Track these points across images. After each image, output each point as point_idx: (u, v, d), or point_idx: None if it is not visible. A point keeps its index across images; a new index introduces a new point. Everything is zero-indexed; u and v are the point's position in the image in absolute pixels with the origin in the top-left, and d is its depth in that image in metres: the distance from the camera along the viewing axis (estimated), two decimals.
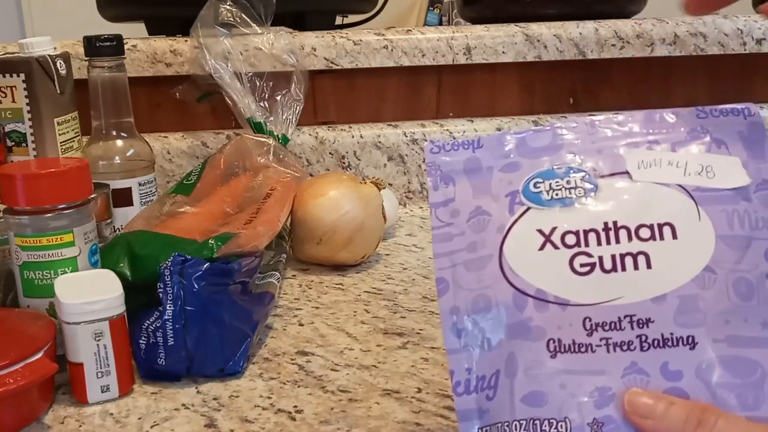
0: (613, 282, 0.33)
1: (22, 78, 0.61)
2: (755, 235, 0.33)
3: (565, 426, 0.32)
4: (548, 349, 0.33)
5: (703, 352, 0.32)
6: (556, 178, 0.35)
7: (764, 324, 0.32)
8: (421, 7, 2.20)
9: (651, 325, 0.32)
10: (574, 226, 0.34)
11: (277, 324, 0.57)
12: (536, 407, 0.32)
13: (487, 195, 0.37)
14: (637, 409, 0.31)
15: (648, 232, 0.33)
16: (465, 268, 0.36)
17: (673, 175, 0.34)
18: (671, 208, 0.34)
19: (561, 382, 0.32)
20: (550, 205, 0.35)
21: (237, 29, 0.80)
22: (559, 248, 0.34)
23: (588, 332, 0.33)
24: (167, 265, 0.47)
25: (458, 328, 0.35)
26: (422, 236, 0.78)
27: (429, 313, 0.58)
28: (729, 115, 0.35)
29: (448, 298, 0.36)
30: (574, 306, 0.33)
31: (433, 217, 0.37)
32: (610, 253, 0.33)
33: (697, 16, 0.95)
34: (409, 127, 0.89)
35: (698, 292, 0.32)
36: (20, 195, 0.47)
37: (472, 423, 0.34)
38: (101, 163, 0.67)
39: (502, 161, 0.37)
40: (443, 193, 0.37)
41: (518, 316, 0.34)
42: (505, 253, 0.35)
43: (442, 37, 0.88)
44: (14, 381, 0.41)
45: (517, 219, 0.35)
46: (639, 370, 0.32)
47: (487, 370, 0.34)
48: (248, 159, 0.73)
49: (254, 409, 0.45)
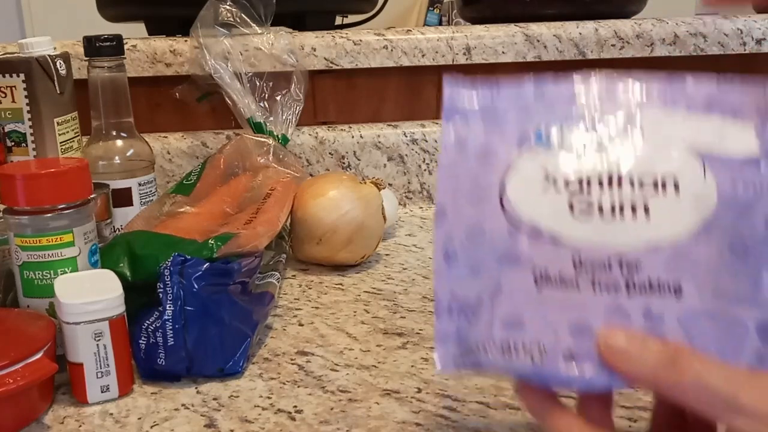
0: (609, 227, 0.33)
1: (22, 78, 0.61)
2: (759, 202, 0.33)
3: (539, 350, 0.33)
4: (534, 279, 0.34)
5: (689, 301, 0.32)
6: (569, 126, 0.36)
7: (755, 286, 0.32)
8: (421, 7, 2.20)
9: (640, 270, 0.32)
10: (579, 171, 0.35)
11: (277, 324, 0.57)
12: (513, 330, 0.33)
13: (497, 135, 0.37)
14: (610, 348, 0.32)
15: (651, 184, 0.34)
16: (465, 200, 0.37)
17: (685, 136, 0.35)
18: (677, 165, 0.34)
19: (542, 311, 0.33)
20: (558, 149, 0.35)
21: (237, 29, 0.80)
22: (560, 189, 0.34)
23: (576, 269, 0.33)
24: (167, 265, 0.47)
25: (449, 254, 0.36)
26: (422, 236, 0.78)
27: (429, 313, 0.58)
28: (749, 86, 0.36)
29: (444, 224, 0.37)
30: (566, 243, 0.33)
31: (441, 150, 0.38)
32: (611, 200, 0.34)
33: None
34: (409, 127, 0.89)
35: (692, 246, 0.32)
36: (20, 195, 0.47)
37: (448, 346, 0.35)
38: (101, 163, 0.67)
39: (518, 105, 0.38)
40: (455, 129, 0.38)
41: (509, 246, 0.34)
42: (506, 189, 0.35)
43: (442, 37, 0.88)
44: (14, 381, 0.41)
45: (523, 158, 0.36)
46: (621, 311, 0.32)
47: (471, 296, 0.35)
48: (248, 159, 0.73)
49: (254, 409, 0.45)
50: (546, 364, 0.33)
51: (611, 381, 0.32)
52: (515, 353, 0.33)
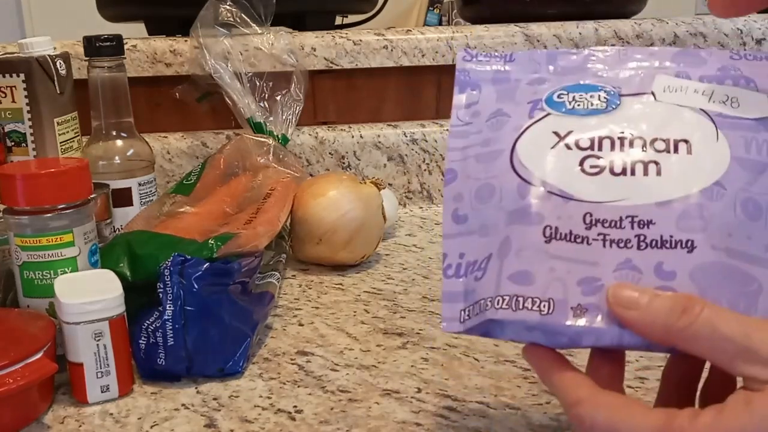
0: (620, 184, 0.33)
1: (22, 78, 0.61)
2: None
3: (548, 306, 0.32)
4: (544, 235, 0.33)
5: (701, 256, 0.32)
6: (580, 92, 0.36)
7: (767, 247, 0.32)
8: (421, 7, 2.20)
9: (652, 226, 0.32)
10: (590, 132, 0.35)
11: (277, 324, 0.57)
12: (522, 285, 0.33)
13: (510, 102, 0.37)
14: (621, 300, 0.31)
15: (663, 144, 0.34)
16: (476, 161, 0.37)
17: (697, 101, 0.35)
18: (690, 127, 0.34)
19: (551, 266, 0.33)
20: (570, 113, 0.36)
21: (237, 29, 0.80)
22: (571, 149, 0.34)
23: (587, 226, 0.33)
24: (167, 265, 0.47)
25: (458, 214, 0.36)
26: (422, 236, 0.78)
27: (429, 313, 0.58)
28: (762, 60, 0.36)
29: (454, 186, 0.37)
30: (577, 201, 0.33)
31: (453, 116, 0.38)
32: (622, 159, 0.34)
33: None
34: (409, 127, 0.89)
35: (704, 202, 0.32)
36: (20, 195, 0.47)
37: (455, 305, 0.35)
38: (101, 163, 0.67)
39: (531, 75, 0.38)
40: (467, 96, 0.39)
41: (519, 202, 0.34)
42: (517, 149, 0.35)
43: (442, 37, 0.88)
44: (14, 381, 0.41)
45: (535, 122, 0.36)
46: (632, 266, 0.32)
47: (479, 255, 0.35)
48: (248, 159, 0.73)
49: (254, 409, 0.45)
50: (555, 317, 0.32)
51: (621, 336, 0.31)
52: (523, 307, 0.33)
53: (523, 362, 0.49)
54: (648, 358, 0.49)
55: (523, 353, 0.35)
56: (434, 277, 0.66)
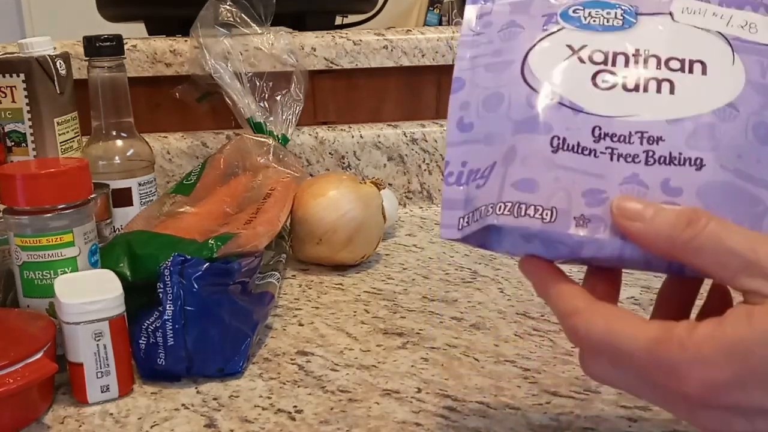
0: (632, 100, 0.33)
1: (22, 78, 0.61)
2: None
3: (550, 214, 0.32)
4: (551, 144, 0.33)
5: (709, 174, 0.31)
6: (597, 8, 0.36)
7: None
8: (421, 7, 2.20)
9: (661, 143, 0.32)
10: (605, 47, 0.34)
11: (277, 324, 0.57)
12: (526, 192, 0.33)
13: (524, 14, 0.37)
14: (625, 212, 0.31)
15: (677, 64, 0.33)
16: (485, 70, 0.36)
17: (716, 24, 0.34)
18: (706, 49, 0.34)
19: (556, 175, 0.32)
20: (584, 28, 0.35)
21: (237, 29, 0.80)
22: (584, 62, 0.34)
23: (595, 139, 0.33)
24: (167, 265, 0.47)
25: (464, 122, 0.36)
26: (422, 236, 0.78)
27: (429, 313, 0.58)
28: None
29: (461, 95, 0.36)
30: (587, 114, 0.33)
31: (464, 26, 0.38)
32: (636, 75, 0.33)
33: None
34: (409, 127, 0.89)
35: (716, 122, 0.32)
36: (20, 195, 0.47)
37: (454, 212, 0.35)
38: (101, 163, 0.67)
39: None
40: (480, 7, 0.38)
41: (528, 112, 0.34)
42: (529, 60, 0.35)
43: (442, 37, 0.88)
44: (14, 381, 0.41)
45: (549, 34, 0.35)
46: (639, 181, 0.32)
47: (483, 163, 0.35)
48: (248, 159, 0.73)
49: (254, 409, 0.45)
50: (557, 226, 0.32)
51: (623, 248, 0.31)
52: (525, 214, 0.32)
53: (523, 362, 0.49)
54: None
55: (519, 266, 0.34)
56: (434, 277, 0.66)
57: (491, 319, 0.57)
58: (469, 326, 0.56)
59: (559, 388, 0.46)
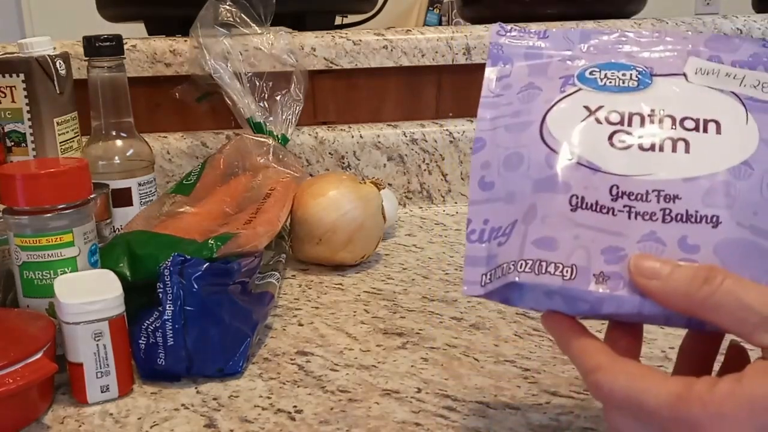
0: (648, 159, 0.34)
1: (22, 78, 0.61)
2: None
3: (570, 272, 0.33)
4: (570, 203, 0.34)
5: (726, 232, 0.32)
6: (612, 70, 0.37)
7: None
8: (420, 7, 2.20)
9: (678, 201, 0.33)
10: (621, 108, 0.35)
11: (276, 324, 0.57)
12: (546, 250, 0.33)
13: (542, 76, 0.38)
14: (642, 270, 0.31)
15: (692, 123, 0.34)
16: (505, 130, 0.37)
17: (729, 84, 0.35)
18: (720, 108, 0.34)
19: (576, 233, 0.33)
20: (601, 89, 0.36)
21: (236, 29, 0.80)
22: (601, 123, 0.35)
23: (613, 198, 0.33)
24: (167, 265, 0.47)
25: (486, 181, 0.36)
26: (422, 236, 0.78)
27: (429, 313, 0.58)
28: None
29: (482, 155, 0.37)
30: (605, 173, 0.34)
31: (484, 88, 0.39)
32: (651, 134, 0.34)
33: (698, 16, 0.95)
34: (408, 127, 0.89)
35: (731, 180, 0.33)
36: (20, 195, 0.47)
37: (477, 269, 0.35)
38: (101, 163, 0.67)
39: (564, 53, 0.38)
40: (499, 70, 0.39)
41: (547, 171, 0.35)
42: (547, 120, 0.36)
43: (441, 37, 0.88)
44: (14, 381, 0.41)
45: (566, 95, 0.36)
46: (656, 239, 0.32)
47: (504, 221, 0.35)
48: (248, 159, 0.73)
49: (254, 409, 0.45)
50: (577, 283, 0.32)
51: (642, 305, 0.32)
52: (546, 271, 0.33)
53: (523, 362, 0.49)
54: (648, 359, 0.49)
55: (542, 320, 0.35)
56: (434, 277, 0.66)
57: (491, 319, 0.57)
58: (469, 326, 0.56)
59: (559, 388, 0.46)
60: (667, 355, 0.49)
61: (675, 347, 0.44)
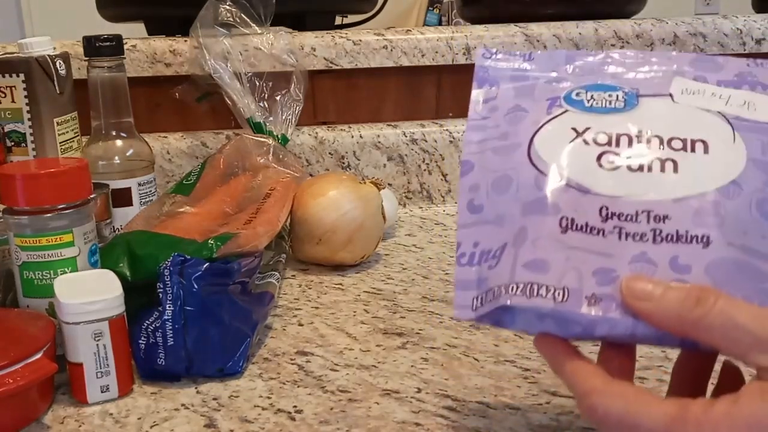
0: (637, 180, 0.34)
1: (22, 78, 0.61)
2: None
3: (562, 294, 0.32)
4: (560, 225, 0.34)
5: (717, 251, 0.32)
6: (599, 91, 0.37)
7: None
8: (420, 7, 2.20)
9: (668, 221, 0.33)
10: (608, 129, 0.35)
11: (276, 324, 0.57)
12: (537, 273, 0.33)
13: (528, 98, 0.38)
14: (634, 292, 0.31)
15: (680, 143, 0.34)
16: (493, 153, 0.37)
17: (715, 104, 0.35)
18: (707, 128, 0.34)
19: (567, 255, 0.33)
20: (588, 111, 0.36)
21: (236, 29, 0.80)
22: (589, 144, 0.35)
23: (603, 219, 0.33)
24: (167, 265, 0.47)
25: (474, 204, 0.36)
26: (422, 236, 0.78)
27: (429, 313, 0.58)
28: None
29: (470, 177, 0.37)
30: (594, 194, 0.34)
31: (471, 110, 0.39)
32: (639, 155, 0.34)
33: (698, 17, 0.95)
34: (408, 127, 0.89)
35: (721, 200, 0.33)
36: (20, 195, 0.47)
37: (468, 292, 0.35)
38: (101, 163, 0.67)
39: (550, 74, 0.38)
40: (486, 92, 0.39)
41: (536, 194, 0.35)
42: (535, 142, 0.36)
43: (441, 37, 0.88)
44: (14, 381, 0.41)
45: (553, 117, 0.36)
46: (648, 259, 0.32)
47: (494, 244, 0.35)
48: (248, 159, 0.73)
49: (254, 409, 0.45)
50: (569, 305, 0.32)
51: (635, 326, 0.31)
52: (538, 294, 0.33)
53: (523, 362, 0.49)
54: (648, 358, 0.49)
55: (534, 343, 0.35)
56: (434, 277, 0.66)
57: None
58: (469, 326, 0.56)
59: (559, 388, 0.46)
60: (668, 355, 0.49)
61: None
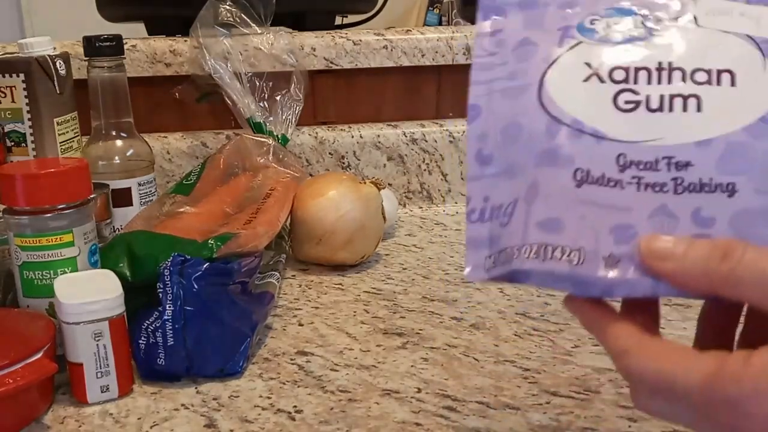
0: (657, 122, 0.31)
1: (22, 78, 0.61)
2: None
3: (578, 255, 0.30)
4: (574, 178, 0.31)
5: (743, 201, 0.29)
6: (615, 17, 0.33)
7: None
8: (420, 7, 2.20)
9: (690, 168, 0.30)
10: (626, 62, 0.32)
11: (276, 324, 0.57)
12: (551, 233, 0.31)
13: (538, 28, 0.35)
14: (655, 252, 0.29)
15: (704, 76, 0.31)
16: (501, 96, 0.34)
17: (744, 26, 0.32)
18: (734, 56, 0.31)
19: (582, 212, 0.31)
20: (603, 41, 0.33)
21: (236, 29, 0.80)
22: (605, 82, 0.32)
23: (620, 168, 0.30)
24: (167, 265, 0.47)
25: (483, 154, 0.34)
26: (422, 236, 0.78)
27: (429, 313, 0.58)
28: None
29: (478, 125, 0.34)
30: (610, 141, 0.31)
31: (476, 46, 0.35)
32: (659, 93, 0.31)
33: None
34: (408, 127, 0.89)
35: (748, 141, 0.30)
36: (20, 195, 0.47)
37: (480, 251, 0.33)
38: (101, 163, 0.67)
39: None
40: (492, 24, 0.35)
41: (548, 143, 0.32)
42: (545, 83, 0.33)
43: (441, 37, 0.88)
44: (14, 381, 0.41)
45: (565, 51, 0.33)
46: (668, 213, 0.30)
47: (505, 199, 0.33)
48: (248, 159, 0.73)
49: (254, 409, 0.45)
50: (585, 268, 0.30)
51: (656, 287, 0.29)
52: (552, 257, 0.31)
53: (523, 362, 0.49)
54: None
55: (564, 303, 0.33)
56: (434, 277, 0.66)
57: (491, 319, 0.57)
58: (469, 326, 0.56)
59: (559, 388, 0.46)
60: None
61: None
